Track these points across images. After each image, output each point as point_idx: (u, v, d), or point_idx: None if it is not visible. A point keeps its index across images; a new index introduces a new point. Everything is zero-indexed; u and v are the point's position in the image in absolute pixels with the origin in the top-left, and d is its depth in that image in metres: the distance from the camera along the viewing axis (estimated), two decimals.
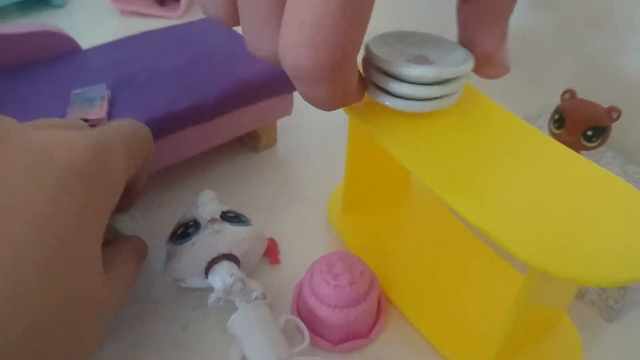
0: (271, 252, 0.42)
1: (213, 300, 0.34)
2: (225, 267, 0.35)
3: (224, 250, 0.36)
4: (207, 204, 0.39)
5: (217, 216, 0.37)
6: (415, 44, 0.35)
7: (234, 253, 0.37)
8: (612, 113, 0.42)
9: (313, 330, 0.36)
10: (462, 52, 0.34)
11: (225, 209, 0.39)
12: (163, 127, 0.42)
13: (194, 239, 0.36)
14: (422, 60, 0.34)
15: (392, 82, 0.33)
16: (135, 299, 0.38)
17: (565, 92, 0.44)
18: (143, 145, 0.33)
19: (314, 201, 0.48)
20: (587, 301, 0.41)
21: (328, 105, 0.27)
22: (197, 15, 0.75)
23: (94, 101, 0.41)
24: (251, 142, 0.53)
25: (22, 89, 0.44)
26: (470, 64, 0.33)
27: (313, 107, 0.28)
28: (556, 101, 0.46)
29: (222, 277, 0.35)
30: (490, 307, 0.38)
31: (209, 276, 0.36)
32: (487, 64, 0.32)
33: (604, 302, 0.39)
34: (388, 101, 0.34)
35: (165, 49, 0.50)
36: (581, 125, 0.42)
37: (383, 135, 0.34)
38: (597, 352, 0.37)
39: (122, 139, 0.30)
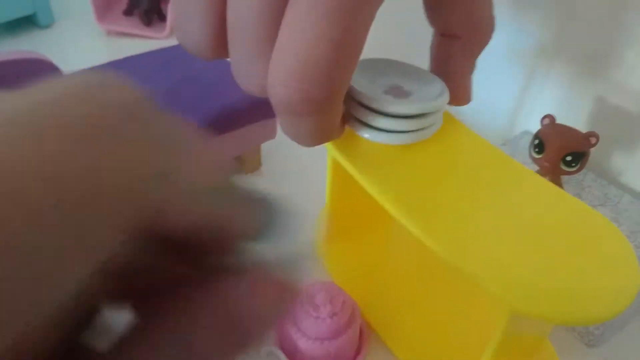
0: None
1: None
2: None
3: None
4: None
5: None
6: (389, 73, 0.35)
7: None
8: (591, 138, 0.43)
9: None
10: (438, 84, 0.35)
11: None
12: None
13: None
14: (399, 91, 0.35)
15: (371, 116, 0.33)
16: None
17: (544, 117, 0.45)
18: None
19: (299, 227, 0.48)
20: (569, 327, 0.41)
21: (312, 139, 0.27)
22: None
23: None
24: (235, 166, 0.53)
25: None
26: (447, 96, 0.34)
27: None
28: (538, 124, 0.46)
29: None
30: (471, 337, 0.38)
31: None
32: (458, 94, 0.32)
33: (585, 327, 0.39)
34: (367, 134, 0.34)
35: (149, 74, 0.50)
36: (561, 151, 0.43)
37: (359, 170, 0.34)
38: None
39: None
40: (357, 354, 0.37)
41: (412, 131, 0.34)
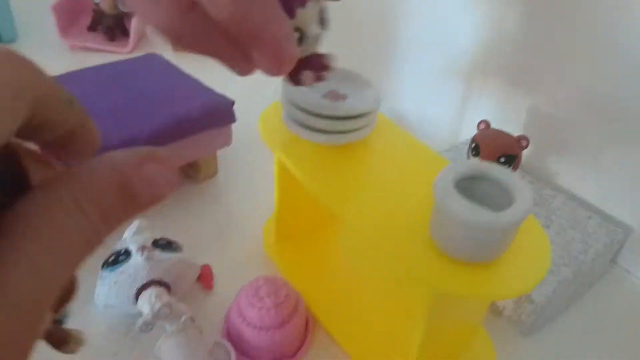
0: (205, 278, 0.44)
1: (140, 325, 0.35)
2: (152, 292, 0.36)
3: (153, 276, 0.37)
4: (139, 233, 0.40)
5: (149, 244, 0.39)
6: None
7: (164, 280, 0.38)
8: (522, 141, 0.46)
9: (242, 352, 0.38)
10: (371, 88, 0.38)
11: (158, 237, 0.40)
12: None
13: (123, 267, 0.37)
14: (335, 95, 0.37)
15: (311, 119, 0.36)
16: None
17: (480, 122, 0.48)
18: (10, 78, 0.17)
19: (250, 230, 0.50)
20: (505, 317, 0.43)
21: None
22: (147, 49, 0.77)
23: None
24: (192, 172, 0.55)
25: None
26: (379, 98, 0.36)
27: (252, 139, 0.28)
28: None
29: (149, 302, 0.36)
30: (406, 325, 0.41)
31: (138, 302, 0.37)
32: None
33: (519, 316, 0.42)
34: (307, 135, 0.37)
35: (103, 86, 0.52)
36: (494, 153, 0.45)
37: (300, 168, 0.36)
38: None
39: None
40: (302, 344, 0.39)
41: (348, 132, 0.37)
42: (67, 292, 0.23)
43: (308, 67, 0.29)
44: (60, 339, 0.27)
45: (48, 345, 0.27)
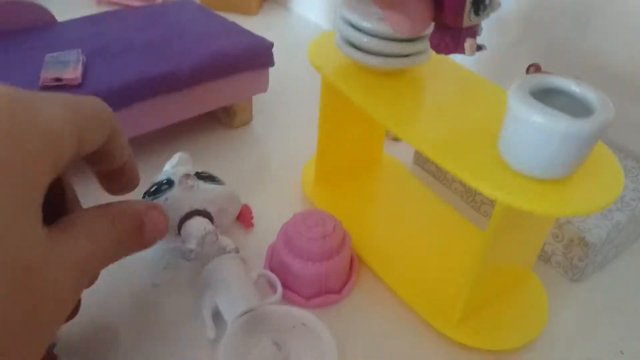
0: (245, 217, 0.42)
1: (186, 253, 0.34)
2: (198, 220, 0.35)
3: (197, 206, 0.36)
4: (181, 164, 0.39)
5: (192, 174, 0.37)
6: None
7: (208, 210, 0.37)
8: None
9: (286, 286, 0.36)
10: None
11: (199, 170, 0.39)
12: (136, 92, 0.42)
13: (167, 194, 0.36)
14: None
15: (365, 38, 0.34)
16: None
17: (530, 65, 0.46)
18: (100, 111, 0.26)
19: (288, 174, 0.48)
20: (554, 263, 0.42)
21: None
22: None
23: (68, 64, 0.41)
24: (227, 118, 0.54)
25: None
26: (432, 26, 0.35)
27: (288, 86, 0.30)
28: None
29: (196, 229, 0.35)
30: (456, 264, 0.39)
31: (182, 231, 0.36)
32: None
33: (569, 261, 0.40)
34: (362, 58, 0.35)
35: (140, 25, 0.51)
36: None
37: (354, 93, 0.35)
38: (563, 310, 0.38)
39: (60, 99, 0.24)
40: (348, 280, 0.38)
41: (406, 55, 0.35)
42: (73, 310, 0.28)
43: (469, 35, 0.29)
44: None
45: None
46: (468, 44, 0.29)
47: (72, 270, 0.23)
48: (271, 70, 0.52)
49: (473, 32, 0.29)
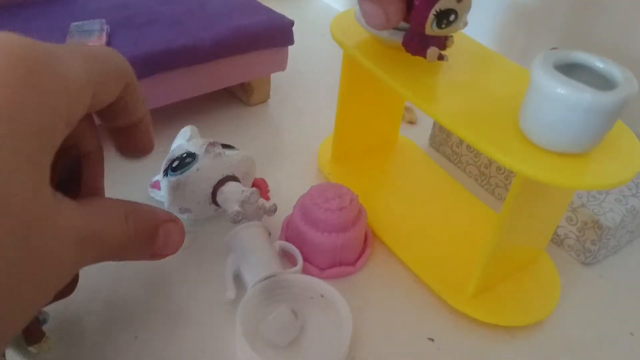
0: (261, 191, 0.43)
1: (234, 215, 0.34)
2: (233, 185, 0.36)
3: (227, 172, 0.37)
4: (195, 137, 0.39)
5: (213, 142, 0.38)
6: None
7: (235, 175, 0.38)
8: None
9: (301, 257, 0.37)
10: None
11: (212, 140, 0.39)
12: (158, 63, 0.43)
13: (197, 165, 0.36)
14: None
15: None
16: None
17: (552, 49, 0.46)
18: (117, 63, 0.25)
19: (303, 152, 0.49)
20: (566, 247, 0.42)
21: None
22: None
23: (92, 33, 0.42)
24: (244, 96, 0.54)
25: (19, 24, 0.44)
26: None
27: (306, 66, 0.30)
28: None
29: (235, 193, 0.35)
30: (469, 243, 0.40)
31: (219, 197, 0.36)
32: None
33: (582, 245, 0.41)
34: (384, 33, 0.36)
35: (160, 0, 0.51)
36: None
37: (377, 67, 0.35)
38: (574, 292, 0.39)
39: (77, 49, 0.23)
40: (362, 253, 0.38)
41: None
42: (69, 286, 0.27)
43: (435, 43, 0.32)
44: (35, 336, 0.29)
45: (20, 337, 0.29)
46: (430, 50, 0.32)
47: (75, 243, 0.21)
48: (289, 50, 0.52)
49: (439, 41, 0.33)
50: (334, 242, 0.36)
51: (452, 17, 0.30)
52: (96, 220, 0.22)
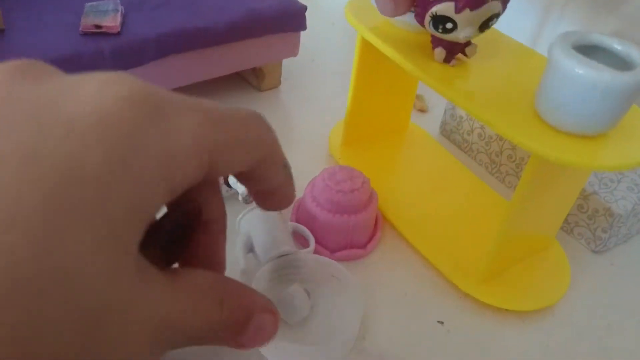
0: None
1: (245, 195, 0.36)
2: None
3: None
4: None
5: None
6: None
7: None
8: None
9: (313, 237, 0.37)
10: None
11: None
12: (171, 45, 0.43)
13: None
14: None
15: None
16: None
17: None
18: (254, 133, 0.20)
19: (314, 136, 0.49)
20: (576, 235, 0.42)
21: None
22: None
23: (107, 12, 0.42)
24: (255, 81, 0.54)
25: (33, 2, 0.45)
26: None
27: (317, 53, 0.30)
28: None
29: None
30: (480, 229, 0.40)
31: (231, 178, 0.36)
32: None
33: (592, 232, 0.41)
34: (400, 17, 0.35)
35: None
36: None
37: (393, 50, 0.35)
38: (584, 279, 0.39)
39: (202, 106, 0.19)
40: (373, 236, 0.38)
41: None
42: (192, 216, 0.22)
43: (444, 45, 0.33)
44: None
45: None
46: (437, 50, 0.33)
47: (153, 331, 0.17)
48: (301, 37, 0.52)
49: (448, 44, 0.33)
50: (346, 223, 0.36)
51: (449, 25, 0.30)
52: (184, 307, 0.18)
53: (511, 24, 0.56)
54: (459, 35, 0.30)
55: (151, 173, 0.16)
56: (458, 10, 0.28)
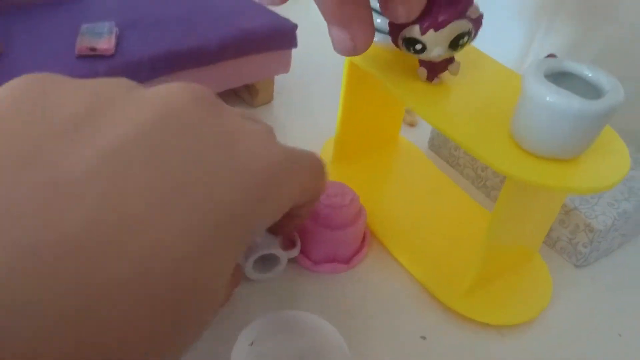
0: None
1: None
2: None
3: None
4: None
5: None
6: None
7: None
8: None
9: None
10: None
11: None
12: (166, 64, 0.44)
13: None
14: None
15: (378, 19, 0.36)
16: None
17: (548, 55, 0.47)
18: (319, 180, 0.28)
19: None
20: (558, 249, 0.43)
21: None
22: None
23: (102, 35, 0.43)
24: (248, 96, 0.55)
25: (31, 24, 0.46)
26: None
27: (309, 69, 0.31)
28: None
29: None
30: (465, 243, 0.41)
31: None
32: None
33: (574, 247, 0.42)
34: (377, 37, 0.37)
35: (169, 0, 0.52)
36: None
37: (378, 72, 0.36)
38: (565, 293, 0.40)
39: (309, 162, 0.27)
40: (358, 252, 0.39)
41: None
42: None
43: (425, 65, 0.34)
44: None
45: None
46: (420, 70, 0.34)
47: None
48: (293, 52, 0.53)
49: (428, 64, 0.34)
50: (331, 238, 0.37)
51: (418, 46, 0.31)
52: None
53: (497, 46, 0.57)
54: (430, 55, 0.32)
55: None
56: (423, 32, 0.30)
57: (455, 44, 0.31)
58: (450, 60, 0.34)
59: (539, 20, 0.56)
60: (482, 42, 0.41)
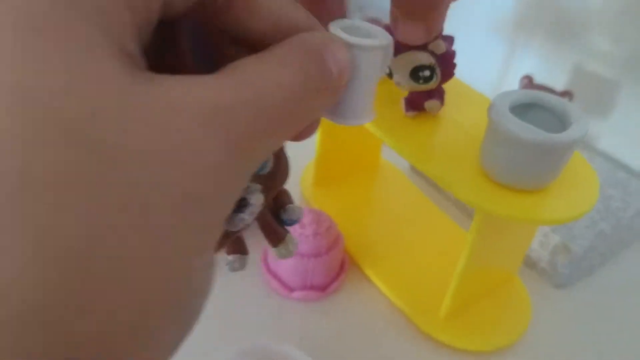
0: None
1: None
2: None
3: None
4: None
5: None
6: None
7: None
8: (565, 97, 0.45)
9: (275, 275, 0.38)
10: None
11: None
12: None
13: None
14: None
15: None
16: None
17: (523, 77, 0.48)
18: None
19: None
20: (539, 270, 0.43)
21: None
22: None
23: None
24: None
25: None
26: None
27: None
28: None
29: None
30: (444, 266, 0.41)
31: None
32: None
33: (553, 268, 0.42)
34: None
35: None
36: None
37: None
38: (545, 314, 0.40)
39: None
40: (336, 279, 0.39)
41: None
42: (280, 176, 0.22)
43: (405, 97, 0.34)
44: (279, 237, 0.24)
45: (266, 238, 0.24)
46: (401, 100, 0.34)
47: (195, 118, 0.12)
48: None
49: (408, 97, 0.34)
50: (305, 266, 0.37)
51: (386, 70, 0.31)
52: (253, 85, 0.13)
53: (477, 63, 0.57)
54: (395, 81, 0.32)
55: None
56: None
57: (417, 75, 0.31)
58: (432, 94, 0.34)
59: (516, 38, 0.57)
60: (462, 60, 0.41)
